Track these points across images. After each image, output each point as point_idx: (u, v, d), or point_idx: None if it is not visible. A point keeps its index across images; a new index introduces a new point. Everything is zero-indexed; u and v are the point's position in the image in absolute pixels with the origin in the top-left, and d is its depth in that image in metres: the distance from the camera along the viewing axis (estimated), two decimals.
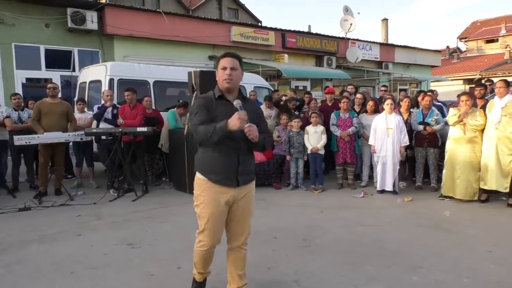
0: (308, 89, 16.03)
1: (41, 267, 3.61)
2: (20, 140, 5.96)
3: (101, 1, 12.43)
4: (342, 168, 6.94)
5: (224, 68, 2.54)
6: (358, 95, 7.61)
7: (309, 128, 6.76)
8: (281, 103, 8.11)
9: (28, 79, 10.84)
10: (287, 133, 6.88)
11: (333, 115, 6.90)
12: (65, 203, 5.93)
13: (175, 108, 7.20)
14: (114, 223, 5.02)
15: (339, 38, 17.44)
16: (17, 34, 10.32)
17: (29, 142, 6.05)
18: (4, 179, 6.75)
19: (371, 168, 6.95)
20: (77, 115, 6.99)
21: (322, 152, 6.69)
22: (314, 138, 6.67)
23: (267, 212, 5.50)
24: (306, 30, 17.84)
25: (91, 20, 11.14)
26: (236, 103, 2.45)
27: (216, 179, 2.59)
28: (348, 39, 17.68)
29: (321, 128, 6.71)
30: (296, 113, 7.64)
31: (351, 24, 17.27)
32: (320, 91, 16.13)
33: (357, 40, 18.14)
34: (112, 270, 3.56)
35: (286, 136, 6.86)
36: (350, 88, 8.74)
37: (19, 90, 10.08)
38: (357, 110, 7.26)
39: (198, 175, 2.70)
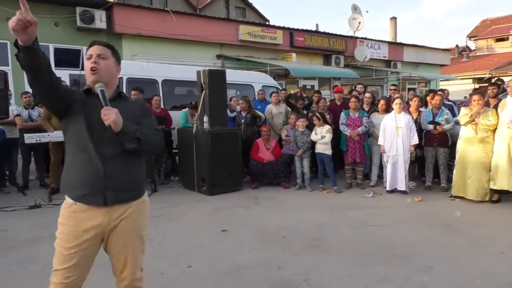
0: (316, 88, 15.97)
1: (51, 266, 3.62)
2: (30, 138, 6.01)
3: (109, 0, 12.49)
4: (351, 167, 6.90)
5: (90, 57, 2.01)
6: (367, 94, 7.56)
7: (317, 129, 6.72)
8: (290, 100, 8.06)
9: None
10: (293, 132, 6.86)
11: (342, 115, 6.86)
12: None
13: (187, 108, 7.24)
14: None
15: (347, 36, 17.36)
16: None
17: (39, 140, 6.10)
18: (15, 177, 6.81)
19: (381, 168, 6.90)
20: None
21: (329, 152, 6.65)
22: (317, 138, 6.65)
23: (276, 211, 5.49)
24: (314, 29, 17.77)
25: (100, 19, 11.19)
26: (98, 85, 1.95)
27: (75, 196, 1.98)
28: (357, 37, 17.59)
29: (326, 128, 6.66)
30: (305, 112, 7.61)
31: (359, 23, 17.18)
32: (328, 90, 16.08)
33: (366, 38, 18.04)
34: None
35: (293, 136, 6.84)
36: (359, 88, 8.69)
37: (29, 88, 10.15)
38: (366, 109, 7.22)
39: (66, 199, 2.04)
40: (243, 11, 30.30)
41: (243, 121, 7.29)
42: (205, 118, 6.46)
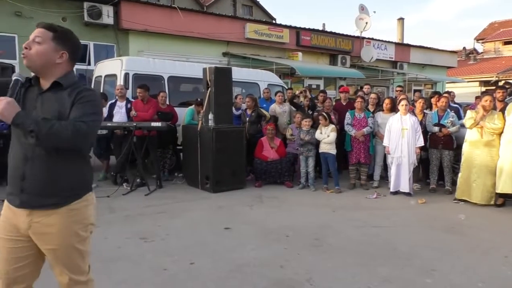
0: (322, 87, 15.93)
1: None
2: None
3: None
4: (355, 168, 6.88)
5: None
6: (372, 95, 7.54)
7: (322, 128, 6.70)
8: (294, 100, 8.05)
9: None
10: (298, 131, 6.86)
11: (348, 115, 6.84)
12: None
13: (193, 106, 7.26)
14: (127, 217, 5.06)
15: (354, 37, 17.28)
16: (34, 27, 10.40)
17: None
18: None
19: (385, 168, 6.89)
20: None
21: (333, 151, 6.63)
22: (322, 137, 6.64)
23: (279, 210, 5.49)
24: (320, 28, 17.72)
25: (107, 15, 11.20)
26: (14, 75, 1.82)
27: (7, 192, 1.90)
28: (363, 38, 17.51)
29: (331, 127, 6.64)
30: (310, 111, 7.60)
31: (366, 23, 17.09)
32: (334, 90, 16.03)
33: (372, 39, 17.96)
34: (126, 264, 3.59)
35: (298, 134, 6.84)
36: (366, 88, 8.66)
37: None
38: (371, 110, 7.19)
39: None
40: (250, 9, 30.27)
41: (248, 119, 7.29)
42: (210, 116, 6.46)
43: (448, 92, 8.43)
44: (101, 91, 7.72)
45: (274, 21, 23.17)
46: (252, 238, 4.31)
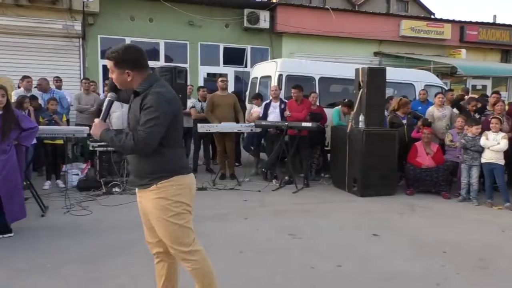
0: (489, 89, 14.06)
1: (215, 242, 4.03)
2: (202, 128, 6.80)
3: (273, 1, 13.19)
4: None
5: None
6: None
7: (489, 134, 5.91)
8: (462, 103, 7.23)
9: (208, 74, 12.28)
10: (461, 137, 6.17)
11: None
12: (234, 188, 6.54)
13: (339, 106, 7.21)
14: (277, 211, 5.30)
15: None
16: (202, 34, 11.73)
17: (209, 130, 6.86)
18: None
19: None
20: (255, 108, 7.57)
21: (501, 162, 5.78)
22: (491, 144, 5.82)
23: (433, 222, 5.06)
24: (490, 21, 15.63)
25: (264, 19, 11.93)
26: (109, 95, 2.32)
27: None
28: None
29: (501, 134, 5.80)
30: (477, 116, 6.76)
31: None
32: (505, 91, 13.98)
33: None
34: (275, 256, 3.76)
35: (460, 140, 6.16)
36: None
37: (201, 83, 11.49)
38: None
39: None
40: (405, 4, 28.47)
41: (404, 122, 6.86)
42: (361, 117, 6.31)
43: None
44: (256, 91, 8.25)
45: (433, 16, 21.33)
46: (404, 248, 4.07)
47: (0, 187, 3.94)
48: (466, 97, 7.52)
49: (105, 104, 2.28)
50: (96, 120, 2.23)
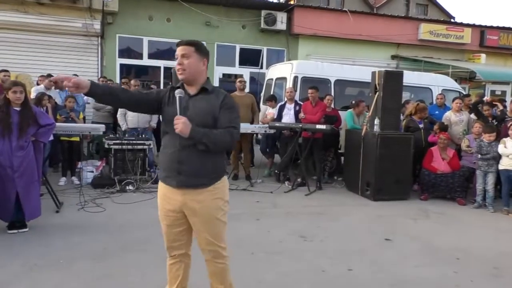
0: (508, 95, 13.79)
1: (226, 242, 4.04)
2: None
3: (290, 2, 13.18)
4: None
5: (177, 58, 2.24)
6: None
7: (507, 140, 5.78)
8: (479, 106, 7.07)
9: (223, 75, 12.34)
10: (477, 143, 6.06)
11: None
12: (246, 188, 6.54)
13: (352, 109, 7.16)
14: (288, 213, 5.29)
15: None
16: (219, 34, 11.79)
17: None
18: None
19: None
20: (269, 110, 7.56)
21: None
22: (509, 152, 5.69)
23: (448, 229, 4.98)
24: None
25: (281, 21, 11.91)
26: (177, 92, 2.20)
27: (161, 177, 2.35)
28: None
29: None
30: (495, 122, 6.63)
31: None
32: None
33: None
34: (286, 258, 3.75)
35: (476, 145, 6.05)
36: None
37: (216, 84, 11.54)
38: None
39: None
40: (424, 8, 28.12)
41: (421, 126, 6.75)
42: (376, 121, 6.25)
43: None
44: (271, 93, 8.25)
45: (452, 20, 21.00)
46: (416, 254, 4.01)
47: (17, 183, 4.02)
48: (486, 99, 7.32)
49: (178, 100, 2.19)
50: (182, 118, 2.12)
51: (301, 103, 7.04)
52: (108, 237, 4.09)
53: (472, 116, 7.04)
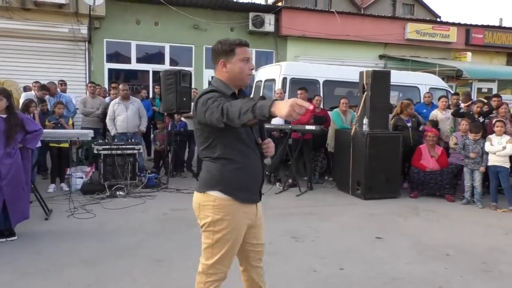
0: (494, 92, 13.98)
1: None
2: None
3: (278, 4, 13.24)
4: None
5: (247, 60, 2.06)
6: None
7: (492, 138, 5.88)
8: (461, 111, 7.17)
9: (212, 77, 12.31)
10: (462, 140, 6.14)
11: None
12: None
13: (338, 108, 7.20)
14: (280, 214, 5.29)
15: None
16: (207, 37, 11.78)
17: None
18: (191, 164, 7.81)
19: None
20: None
21: (507, 165, 5.75)
22: (496, 150, 5.78)
23: (437, 225, 5.03)
24: (496, 24, 15.57)
25: (269, 23, 11.96)
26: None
27: (244, 198, 2.12)
28: None
29: (506, 138, 5.77)
30: (481, 119, 6.73)
31: None
32: (510, 94, 13.90)
33: None
34: (278, 260, 3.75)
35: (461, 143, 6.13)
36: None
37: (205, 87, 11.51)
38: None
39: (217, 194, 2.08)
40: (411, 8, 28.45)
41: (409, 125, 6.82)
42: (365, 120, 6.30)
43: None
44: (261, 94, 8.26)
45: (438, 19, 21.27)
46: (407, 252, 4.05)
47: (5, 190, 3.98)
48: (463, 105, 7.39)
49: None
50: (271, 141, 2.15)
51: None
52: (99, 243, 4.06)
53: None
